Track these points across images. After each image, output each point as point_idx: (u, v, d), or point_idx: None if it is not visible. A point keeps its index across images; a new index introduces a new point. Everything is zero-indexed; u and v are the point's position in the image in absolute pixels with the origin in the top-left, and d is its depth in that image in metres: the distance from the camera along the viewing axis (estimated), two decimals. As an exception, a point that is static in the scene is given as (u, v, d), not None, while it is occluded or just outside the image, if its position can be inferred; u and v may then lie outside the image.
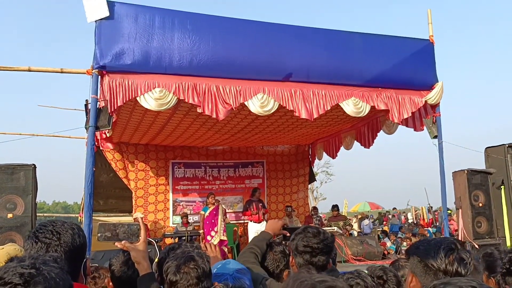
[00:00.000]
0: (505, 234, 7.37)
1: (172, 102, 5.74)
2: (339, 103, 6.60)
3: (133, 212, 9.99)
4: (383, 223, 20.70)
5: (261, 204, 9.82)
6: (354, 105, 6.66)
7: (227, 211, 10.14)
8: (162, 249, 2.18)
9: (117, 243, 1.83)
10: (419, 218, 21.79)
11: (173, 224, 10.33)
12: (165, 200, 10.48)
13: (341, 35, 6.85)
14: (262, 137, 9.91)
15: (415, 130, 7.50)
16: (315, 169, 16.28)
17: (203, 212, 9.14)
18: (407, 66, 7.06)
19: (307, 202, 12.18)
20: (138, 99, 5.62)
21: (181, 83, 5.76)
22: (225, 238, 8.92)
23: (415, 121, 7.40)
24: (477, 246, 6.91)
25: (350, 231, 11.45)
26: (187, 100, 5.80)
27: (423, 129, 7.48)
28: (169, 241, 9.38)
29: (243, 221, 10.26)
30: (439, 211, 17.35)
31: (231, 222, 10.39)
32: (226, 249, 8.88)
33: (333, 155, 10.61)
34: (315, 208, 11.44)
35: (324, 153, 11.16)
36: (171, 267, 1.68)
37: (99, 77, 5.52)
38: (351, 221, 14.77)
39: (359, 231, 15.00)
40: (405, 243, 11.48)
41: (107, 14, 5.47)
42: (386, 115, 7.53)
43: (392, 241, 12.54)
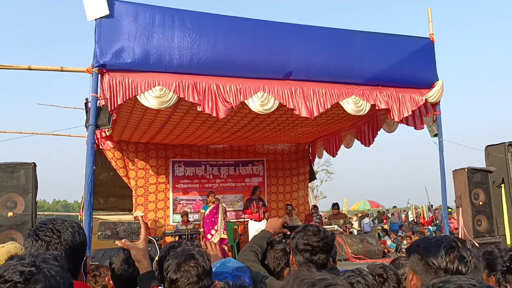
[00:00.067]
0: (505, 232, 7.38)
1: (172, 100, 5.73)
2: (339, 102, 6.60)
3: (133, 210, 10.00)
4: (383, 221, 20.72)
5: (261, 202, 9.83)
6: (354, 104, 6.66)
7: (227, 209, 10.14)
8: (162, 247, 2.18)
9: (117, 242, 1.83)
10: (419, 216, 21.81)
11: (173, 222, 10.34)
12: (165, 198, 10.48)
13: (342, 33, 6.84)
14: (262, 136, 9.91)
15: (415, 128, 7.49)
16: (315, 168, 16.29)
17: (203, 210, 9.15)
18: (407, 64, 7.05)
19: (307, 200, 12.18)
20: (138, 97, 5.61)
21: (181, 81, 5.76)
22: (225, 236, 8.93)
23: (415, 120, 7.39)
24: (477, 244, 6.92)
25: (350, 229, 11.45)
26: (187, 98, 5.80)
27: (424, 128, 7.47)
28: (169, 239, 9.39)
29: (243, 220, 10.27)
30: (439, 210, 17.35)
31: (231, 220, 10.39)
32: (226, 248, 8.89)
33: (333, 154, 10.62)
34: (315, 206, 11.44)
35: (324, 151, 11.16)
36: (171, 265, 1.68)
37: (99, 75, 5.51)
38: (351, 220, 14.80)
39: (359, 229, 15.04)
40: (405, 242, 11.48)
41: (107, 12, 5.46)
42: (386, 113, 7.53)
43: (392, 239, 12.56)
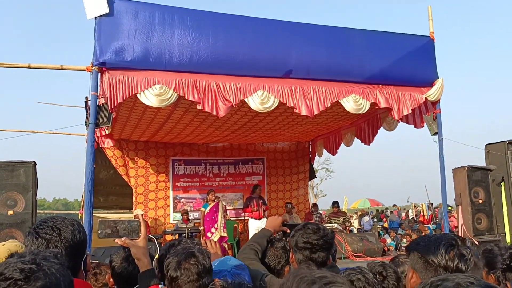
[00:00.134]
0: (505, 230, 7.39)
1: (172, 98, 5.73)
2: (339, 100, 6.60)
3: (134, 209, 10.00)
4: (382, 220, 20.71)
5: (261, 201, 9.83)
6: (354, 102, 6.65)
7: (227, 208, 10.15)
8: (162, 246, 2.18)
9: (117, 240, 1.83)
10: (419, 214, 21.81)
11: (173, 221, 10.35)
12: (166, 197, 10.49)
13: (342, 31, 6.83)
14: (262, 134, 9.91)
15: (415, 126, 7.49)
16: (315, 166, 16.28)
17: (203, 208, 9.15)
18: (407, 62, 7.05)
19: (307, 199, 12.19)
20: (138, 95, 5.61)
21: (181, 80, 5.75)
22: (225, 234, 8.94)
23: (415, 118, 7.39)
24: (477, 242, 6.92)
25: (350, 227, 11.46)
26: (187, 97, 5.79)
27: (424, 126, 7.48)
28: (169, 237, 9.39)
29: (243, 218, 10.28)
30: (439, 208, 17.36)
31: (231, 219, 10.40)
32: (226, 246, 8.90)
33: (333, 152, 10.62)
34: (315, 205, 11.45)
35: (324, 150, 11.17)
36: (171, 263, 1.68)
37: (99, 74, 5.51)
38: (350, 218, 14.80)
39: (359, 227, 15.04)
40: (405, 240, 11.49)
41: (106, 10, 5.46)
42: (386, 112, 7.53)
43: (392, 237, 12.56)
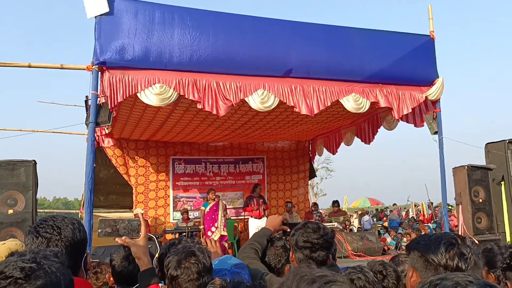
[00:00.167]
0: (505, 229, 7.39)
1: (172, 97, 5.73)
2: (340, 99, 6.60)
3: (134, 208, 10.01)
4: (381, 219, 20.71)
5: (261, 200, 9.84)
6: (354, 101, 6.65)
7: (228, 207, 10.16)
8: (162, 245, 2.18)
9: (117, 239, 1.83)
10: (419, 214, 21.81)
11: (173, 220, 10.35)
12: (166, 196, 10.49)
13: (342, 31, 6.83)
14: (262, 133, 9.91)
15: (415, 126, 7.49)
16: (315, 165, 16.30)
17: (203, 207, 9.16)
18: (407, 62, 7.04)
19: (307, 198, 12.19)
20: (138, 95, 5.61)
21: (181, 79, 5.75)
22: (225, 233, 8.94)
23: (415, 117, 7.39)
24: (477, 241, 6.92)
25: (350, 226, 11.46)
26: (187, 96, 5.79)
27: (424, 125, 7.48)
28: (169, 237, 9.39)
29: (243, 217, 10.29)
30: (439, 207, 17.36)
31: (232, 218, 10.41)
32: (226, 244, 8.90)
33: (334, 151, 10.62)
34: (315, 204, 11.46)
35: (324, 149, 11.17)
36: (172, 262, 1.68)
37: (99, 73, 5.50)
38: (351, 217, 14.80)
39: (359, 226, 15.04)
40: (405, 239, 11.50)
41: (106, 10, 5.45)
42: (386, 111, 7.53)
43: (392, 236, 12.56)
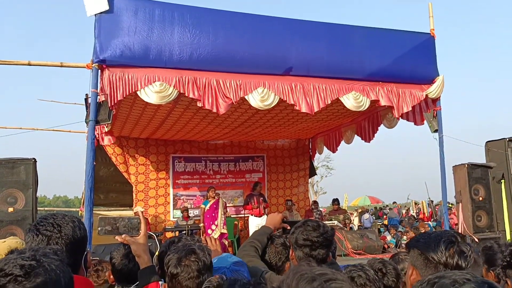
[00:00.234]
0: (505, 228, 7.39)
1: (172, 95, 5.72)
2: (340, 97, 6.59)
3: (134, 206, 10.01)
4: (380, 217, 20.71)
5: (262, 198, 9.84)
6: (354, 99, 6.64)
7: (228, 205, 10.16)
8: (162, 243, 2.18)
9: (117, 237, 1.83)
10: (419, 212, 21.82)
11: (173, 218, 10.35)
12: (166, 194, 10.50)
13: (342, 29, 6.82)
14: (262, 131, 9.90)
15: (415, 124, 7.49)
16: (315, 163, 16.30)
17: (203, 205, 9.16)
18: (408, 60, 7.03)
19: (308, 196, 12.19)
20: (138, 93, 5.60)
21: (181, 77, 5.74)
22: (225, 231, 8.95)
23: (415, 115, 7.39)
24: (477, 239, 6.93)
25: (350, 225, 11.47)
26: (187, 94, 5.79)
27: (424, 123, 7.47)
28: (169, 235, 9.40)
29: (243, 215, 10.29)
30: (439, 205, 17.37)
31: (232, 216, 10.41)
32: (226, 242, 8.91)
33: (334, 149, 10.62)
34: (315, 202, 11.46)
35: (324, 147, 11.16)
36: (172, 260, 1.68)
37: (99, 71, 5.50)
38: (351, 216, 14.80)
39: (360, 225, 15.05)
40: (405, 237, 11.50)
41: (106, 7, 5.45)
42: (386, 109, 7.52)
43: (392, 235, 12.57)
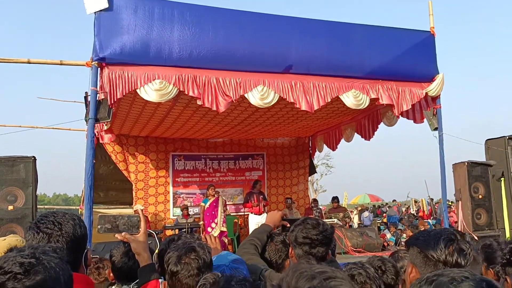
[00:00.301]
0: (505, 226, 7.40)
1: (172, 93, 5.72)
2: (339, 96, 6.59)
3: (134, 204, 10.02)
4: (381, 215, 20.75)
5: (261, 196, 9.84)
6: (354, 98, 6.64)
7: (227, 203, 10.16)
8: (162, 241, 2.19)
9: (117, 235, 1.84)
10: (419, 210, 21.85)
11: (173, 216, 10.37)
12: (166, 192, 10.50)
13: (342, 26, 6.81)
14: (262, 130, 9.90)
15: (415, 122, 7.49)
16: (315, 161, 16.27)
17: (203, 204, 9.17)
18: (407, 58, 7.03)
19: (307, 194, 12.20)
20: (138, 91, 5.60)
21: (181, 75, 5.74)
22: (224, 229, 8.96)
23: (415, 113, 7.39)
24: (476, 237, 6.94)
25: (350, 223, 11.47)
26: (187, 92, 5.78)
27: (424, 121, 7.47)
28: (169, 233, 9.41)
29: (243, 213, 10.30)
30: (439, 203, 17.39)
31: (232, 214, 10.42)
32: (226, 240, 8.92)
33: (333, 147, 10.62)
34: (315, 200, 11.46)
35: (324, 145, 11.16)
36: (172, 258, 1.69)
37: (99, 69, 5.49)
38: (351, 213, 14.81)
39: (359, 223, 15.08)
40: (404, 235, 11.51)
41: (106, 5, 5.44)
42: (386, 107, 7.52)
43: (391, 232, 12.59)
